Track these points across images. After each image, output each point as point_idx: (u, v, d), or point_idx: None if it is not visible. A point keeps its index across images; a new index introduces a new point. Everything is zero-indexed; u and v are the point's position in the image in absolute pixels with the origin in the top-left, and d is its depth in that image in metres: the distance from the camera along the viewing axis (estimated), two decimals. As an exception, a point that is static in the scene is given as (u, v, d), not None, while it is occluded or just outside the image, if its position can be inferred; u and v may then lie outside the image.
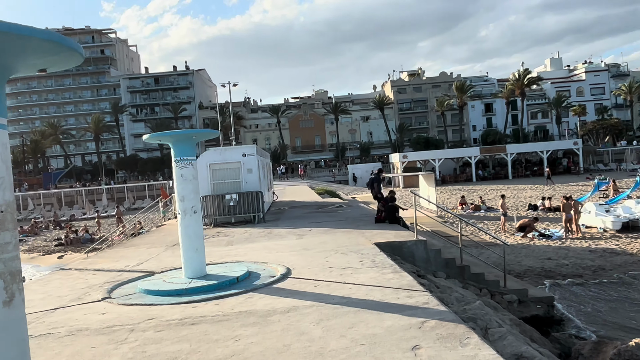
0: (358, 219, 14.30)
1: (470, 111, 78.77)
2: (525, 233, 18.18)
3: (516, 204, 27.36)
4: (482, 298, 8.89)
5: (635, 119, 76.98)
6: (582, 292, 11.89)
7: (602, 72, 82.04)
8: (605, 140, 64.03)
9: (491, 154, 51.79)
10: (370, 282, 6.53)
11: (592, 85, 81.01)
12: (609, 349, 6.87)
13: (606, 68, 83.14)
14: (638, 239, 16.50)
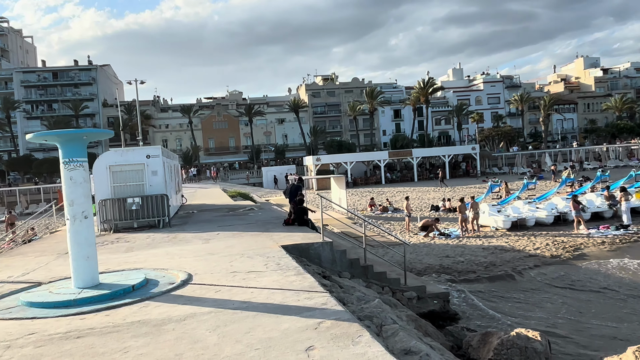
0: (268, 221, 14.25)
1: (381, 116, 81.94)
2: (427, 232, 19.23)
3: (420, 205, 28.86)
4: (383, 296, 9.25)
5: (526, 127, 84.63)
6: (475, 287, 12.80)
7: (498, 83, 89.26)
8: (500, 146, 69.67)
9: (399, 157, 54.22)
10: (273, 285, 6.53)
11: (489, 95, 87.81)
12: (494, 339, 7.45)
13: (501, 79, 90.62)
14: (525, 237, 18.12)
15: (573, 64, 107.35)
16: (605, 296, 11.89)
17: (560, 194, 25.17)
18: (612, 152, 58.90)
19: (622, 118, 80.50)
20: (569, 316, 10.67)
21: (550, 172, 45.40)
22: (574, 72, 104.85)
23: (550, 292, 12.40)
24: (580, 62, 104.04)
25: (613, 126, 78.35)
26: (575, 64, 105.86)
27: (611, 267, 14.22)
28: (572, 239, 17.39)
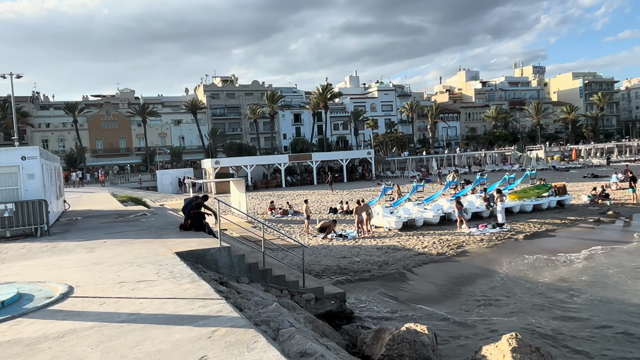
0: (162, 227, 13.60)
1: (281, 120, 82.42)
2: (326, 234, 19.67)
3: (319, 207, 29.45)
4: (282, 299, 9.26)
5: (416, 133, 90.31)
6: (370, 286, 13.32)
7: (390, 92, 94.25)
8: (393, 151, 73.59)
9: (299, 161, 54.90)
10: (165, 294, 6.22)
11: (383, 103, 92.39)
12: (387, 335, 7.80)
13: (394, 88, 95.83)
14: (414, 236, 19.27)
15: (456, 76, 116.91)
16: (484, 287, 13.04)
17: (445, 196, 27.19)
18: (489, 157, 65.00)
19: (497, 127, 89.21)
20: (455, 308, 11.52)
21: (436, 175, 48.89)
22: (457, 84, 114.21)
23: (438, 286, 13.32)
24: (463, 74, 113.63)
25: (490, 134, 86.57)
26: (458, 77, 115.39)
27: (489, 262, 15.64)
28: (456, 237, 18.85)
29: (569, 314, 10.79)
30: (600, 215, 22.64)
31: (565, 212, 23.77)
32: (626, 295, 11.89)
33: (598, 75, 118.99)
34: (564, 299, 11.83)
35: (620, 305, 11.24)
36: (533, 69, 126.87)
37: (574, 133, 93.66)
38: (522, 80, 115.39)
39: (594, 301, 11.60)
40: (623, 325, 9.93)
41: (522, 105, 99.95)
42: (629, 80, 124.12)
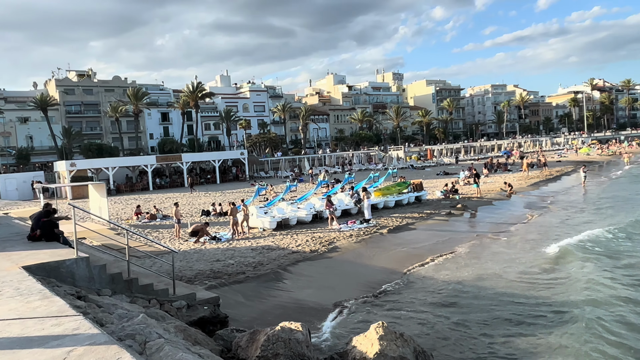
0: (6, 239, 11.96)
1: (147, 119, 77.85)
2: (198, 238, 19.02)
3: (191, 210, 28.41)
4: (150, 310, 8.73)
5: (288, 134, 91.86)
6: (245, 288, 13.20)
7: (263, 93, 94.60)
8: (266, 151, 73.95)
9: (168, 162, 52.37)
10: (10, 315, 5.46)
11: (255, 103, 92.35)
12: (261, 336, 7.77)
13: (265, 89, 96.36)
14: (288, 235, 19.56)
15: (325, 80, 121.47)
16: (352, 281, 13.73)
17: (317, 195, 28.07)
18: (356, 157, 68.69)
19: (363, 129, 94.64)
20: (330, 303, 11.92)
21: (308, 175, 50.29)
22: (326, 87, 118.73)
23: (312, 282, 13.69)
24: (331, 78, 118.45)
25: (357, 135, 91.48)
26: (327, 80, 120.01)
27: (358, 256, 16.52)
28: (327, 234, 19.57)
29: (435, 300, 11.85)
30: (451, 208, 25.24)
31: (422, 207, 26.06)
32: (478, 281, 13.42)
33: (447, 83, 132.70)
34: (431, 285, 12.96)
35: (475, 288, 12.65)
36: (393, 75, 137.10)
37: (428, 135, 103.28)
38: (384, 86, 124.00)
39: (456, 286, 12.89)
40: (482, 305, 11.19)
41: (384, 108, 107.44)
42: (472, 88, 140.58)
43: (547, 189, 34.37)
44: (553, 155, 65.62)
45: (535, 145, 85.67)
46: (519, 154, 65.38)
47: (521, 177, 39.41)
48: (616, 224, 19.64)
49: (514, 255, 15.96)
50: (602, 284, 12.13)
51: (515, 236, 19.21)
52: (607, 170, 46.85)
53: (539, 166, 48.20)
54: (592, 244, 16.57)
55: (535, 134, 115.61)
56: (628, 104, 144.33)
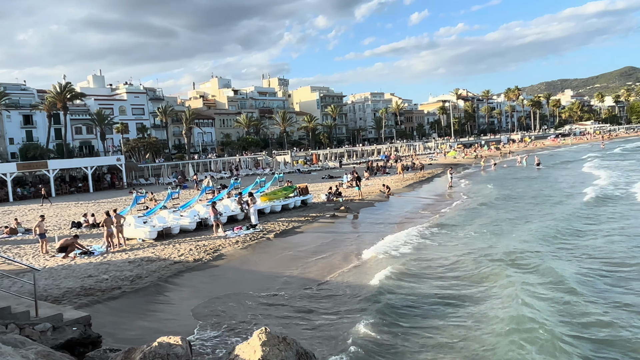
0: None
1: (6, 122, 69.51)
2: (67, 253, 17.38)
3: (59, 223, 25.89)
4: (7, 335, 7.76)
5: (171, 139, 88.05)
6: (120, 304, 12.33)
7: (142, 94, 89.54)
8: (146, 157, 70.08)
9: (32, 170, 47.14)
10: None
11: (133, 106, 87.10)
12: (137, 354, 7.30)
13: (145, 91, 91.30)
14: (170, 245, 18.72)
15: (209, 83, 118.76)
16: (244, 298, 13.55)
17: (202, 202, 27.27)
18: (243, 162, 68.07)
19: (250, 133, 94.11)
20: (212, 313, 11.61)
21: (193, 181, 48.66)
22: (211, 91, 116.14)
23: (195, 293, 13.23)
24: (215, 82, 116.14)
25: (243, 140, 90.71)
26: (211, 83, 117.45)
27: (245, 262, 16.34)
28: (212, 241, 19.08)
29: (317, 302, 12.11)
30: (335, 210, 26.13)
31: (308, 210, 26.63)
32: (351, 278, 14.01)
33: (331, 90, 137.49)
34: (320, 288, 13.22)
35: (351, 289, 13.18)
36: (279, 80, 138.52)
37: (314, 139, 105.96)
38: (270, 91, 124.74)
39: (335, 286, 13.30)
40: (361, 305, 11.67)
41: (271, 113, 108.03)
42: (354, 95, 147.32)
43: (421, 189, 37.19)
44: (425, 159, 71.15)
45: (410, 149, 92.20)
46: (395, 158, 69.91)
47: (398, 179, 42.14)
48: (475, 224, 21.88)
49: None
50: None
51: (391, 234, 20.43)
52: (471, 171, 52.04)
53: (413, 169, 51.98)
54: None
55: (410, 139, 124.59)
56: (487, 112, 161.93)
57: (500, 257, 14.90)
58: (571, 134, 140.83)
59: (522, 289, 11.66)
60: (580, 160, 56.96)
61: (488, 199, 28.73)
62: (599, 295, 11.33)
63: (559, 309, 10.57)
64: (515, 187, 34.70)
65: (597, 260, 14.24)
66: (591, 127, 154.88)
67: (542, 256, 14.79)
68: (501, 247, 16.26)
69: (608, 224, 19.40)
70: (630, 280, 12.38)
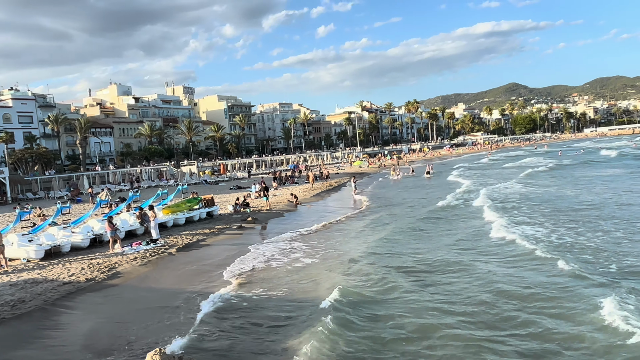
0: None
1: None
2: None
3: None
4: None
5: (63, 149, 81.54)
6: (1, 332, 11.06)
7: (30, 101, 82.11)
8: (35, 169, 64.16)
9: None
10: None
11: (20, 113, 79.60)
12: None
13: (33, 97, 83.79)
14: (60, 264, 17.19)
15: (108, 90, 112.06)
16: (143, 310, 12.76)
17: (97, 216, 25.45)
18: (145, 173, 64.79)
19: (153, 143, 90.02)
20: (108, 338, 10.80)
21: (88, 194, 45.34)
22: (109, 98, 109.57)
23: (84, 316, 12.23)
24: (114, 88, 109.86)
25: (146, 150, 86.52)
26: (110, 90, 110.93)
27: (143, 280, 15.44)
28: (108, 259, 17.83)
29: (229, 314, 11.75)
30: (242, 222, 25.73)
31: (214, 222, 25.94)
32: (281, 292, 13.83)
33: (239, 99, 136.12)
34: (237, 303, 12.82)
35: (278, 301, 12.98)
36: (184, 89, 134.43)
37: (222, 149, 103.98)
38: (174, 99, 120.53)
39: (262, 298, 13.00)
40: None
41: (175, 122, 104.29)
42: (262, 105, 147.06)
43: (329, 198, 37.92)
44: (333, 168, 72.85)
45: (318, 159, 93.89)
46: (304, 167, 70.76)
47: (306, 189, 42.61)
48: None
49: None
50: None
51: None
52: (375, 180, 54.12)
53: (321, 178, 52.94)
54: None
55: (318, 149, 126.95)
56: (390, 124, 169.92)
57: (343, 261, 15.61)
58: (467, 144, 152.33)
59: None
60: (454, 168, 61.71)
61: (379, 207, 30.03)
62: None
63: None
64: (402, 195, 36.80)
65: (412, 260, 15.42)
66: (481, 138, 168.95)
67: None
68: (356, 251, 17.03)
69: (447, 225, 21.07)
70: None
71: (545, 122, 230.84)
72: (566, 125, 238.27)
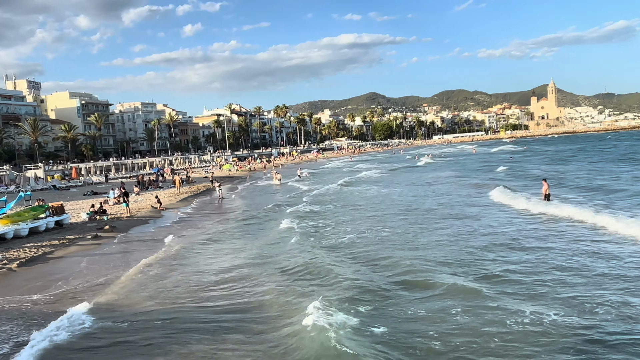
0: None
1: None
2: None
3: None
4: None
5: None
6: None
7: None
8: None
9: None
10: None
11: None
12: None
13: None
14: None
15: None
16: None
17: None
18: (-22, 178, 56.03)
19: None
20: None
21: None
22: None
23: None
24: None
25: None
26: None
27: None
28: None
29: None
30: (98, 230, 23.54)
31: (64, 232, 23.34)
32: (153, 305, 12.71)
33: (94, 96, 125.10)
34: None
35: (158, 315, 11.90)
36: (28, 83, 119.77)
37: (74, 151, 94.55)
38: (16, 94, 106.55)
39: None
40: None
41: (18, 121, 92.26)
42: (122, 104, 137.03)
43: (196, 202, 36.56)
44: (201, 172, 70.65)
45: (185, 162, 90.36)
46: (170, 171, 67.49)
47: (172, 194, 40.62)
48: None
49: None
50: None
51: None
52: (244, 183, 53.73)
53: (189, 182, 50.97)
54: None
55: (186, 151, 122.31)
56: (259, 127, 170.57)
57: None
58: (333, 149, 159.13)
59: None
60: (338, 174, 64.58)
61: (240, 210, 30.00)
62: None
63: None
64: (259, 198, 37.34)
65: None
66: (345, 143, 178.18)
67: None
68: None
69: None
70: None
71: (401, 129, 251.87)
72: (418, 133, 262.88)
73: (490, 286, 11.82)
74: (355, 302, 11.31)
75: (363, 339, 9.10)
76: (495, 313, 10.05)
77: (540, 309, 10.09)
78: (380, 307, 11.00)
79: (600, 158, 59.86)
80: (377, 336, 9.30)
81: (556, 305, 10.28)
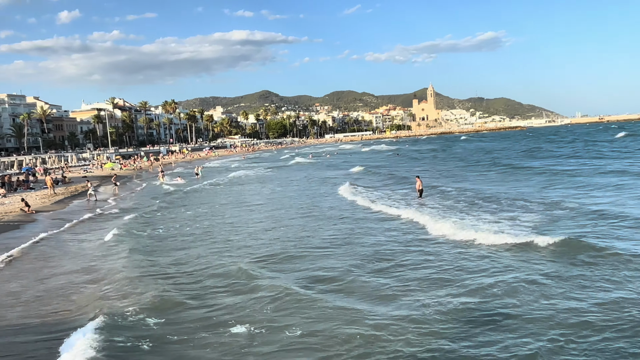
0: None
1: None
2: None
3: None
4: None
5: None
6: None
7: None
8: None
9: None
10: None
11: None
12: None
13: None
14: None
15: None
16: None
17: None
18: None
19: None
20: None
21: None
22: None
23: None
24: None
25: None
26: None
27: None
28: None
29: None
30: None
31: None
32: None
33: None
34: None
35: None
36: None
37: None
38: None
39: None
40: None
41: None
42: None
43: (73, 204, 33.73)
44: (80, 171, 65.29)
45: (61, 160, 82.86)
46: (42, 170, 61.44)
47: (45, 195, 37.04)
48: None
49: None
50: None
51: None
52: (134, 184, 50.68)
53: (65, 183, 46.87)
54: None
55: (61, 149, 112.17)
56: (146, 124, 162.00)
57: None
58: (226, 147, 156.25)
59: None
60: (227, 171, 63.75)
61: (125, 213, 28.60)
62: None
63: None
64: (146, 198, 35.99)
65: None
66: (239, 141, 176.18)
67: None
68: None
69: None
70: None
71: (294, 127, 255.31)
72: (311, 131, 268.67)
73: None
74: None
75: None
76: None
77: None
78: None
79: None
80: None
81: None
